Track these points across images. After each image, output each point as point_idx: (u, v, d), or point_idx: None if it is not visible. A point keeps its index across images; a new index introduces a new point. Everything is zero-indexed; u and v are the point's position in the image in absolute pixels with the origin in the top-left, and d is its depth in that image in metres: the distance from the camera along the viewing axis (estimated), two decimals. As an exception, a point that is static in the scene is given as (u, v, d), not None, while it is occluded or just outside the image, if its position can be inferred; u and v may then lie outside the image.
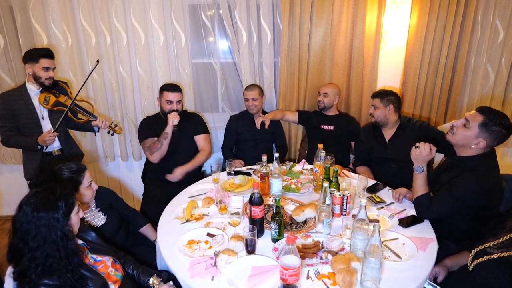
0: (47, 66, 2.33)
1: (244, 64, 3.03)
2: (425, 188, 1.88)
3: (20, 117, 2.38)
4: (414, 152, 1.89)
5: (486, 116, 1.73)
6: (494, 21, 3.02)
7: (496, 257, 1.49)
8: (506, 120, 1.73)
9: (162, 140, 2.61)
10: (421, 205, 1.86)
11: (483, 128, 1.73)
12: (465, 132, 1.78)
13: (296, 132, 3.31)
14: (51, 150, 2.51)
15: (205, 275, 1.46)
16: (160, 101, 2.73)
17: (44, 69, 2.32)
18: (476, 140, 1.75)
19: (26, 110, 2.38)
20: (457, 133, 1.82)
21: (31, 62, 2.32)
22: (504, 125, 1.71)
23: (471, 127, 1.76)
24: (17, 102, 2.36)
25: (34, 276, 1.25)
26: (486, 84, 3.25)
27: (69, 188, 1.41)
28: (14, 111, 2.36)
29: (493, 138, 1.73)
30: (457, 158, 1.88)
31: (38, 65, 2.31)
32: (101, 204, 1.92)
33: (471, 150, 1.79)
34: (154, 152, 2.60)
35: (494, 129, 1.71)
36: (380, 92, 2.61)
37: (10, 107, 2.35)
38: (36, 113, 2.40)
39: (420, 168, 1.88)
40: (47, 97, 2.38)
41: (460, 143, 1.82)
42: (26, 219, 1.25)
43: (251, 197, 1.66)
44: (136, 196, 3.46)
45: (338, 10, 2.90)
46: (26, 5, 2.68)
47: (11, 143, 2.41)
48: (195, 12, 2.98)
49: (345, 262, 1.43)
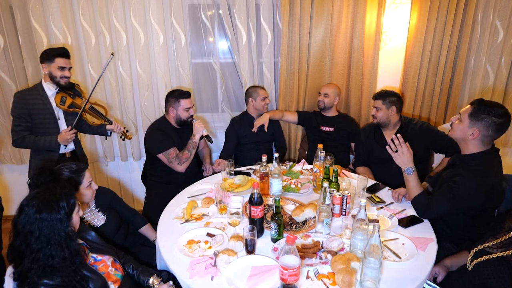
0: (62, 65, 2.31)
1: (243, 64, 3.03)
2: (420, 188, 1.89)
3: (37, 117, 2.34)
4: (397, 156, 1.91)
5: (475, 106, 1.77)
6: (493, 21, 3.02)
7: (496, 257, 1.49)
8: (497, 108, 1.73)
9: (191, 149, 2.56)
10: (420, 205, 1.86)
11: (472, 118, 1.75)
12: (460, 125, 1.81)
13: (296, 133, 3.31)
14: (64, 151, 2.50)
15: (204, 275, 1.46)
16: (175, 111, 2.59)
17: (59, 69, 2.30)
18: (470, 131, 1.76)
19: (44, 110, 2.35)
20: (453, 128, 1.85)
21: (47, 62, 2.30)
22: (494, 113, 1.71)
23: (463, 119, 1.79)
24: (35, 101, 2.33)
25: (35, 277, 1.25)
26: (486, 84, 3.25)
27: (69, 188, 1.41)
28: (31, 110, 2.32)
29: (486, 127, 1.73)
30: (459, 156, 1.89)
31: (53, 64, 2.29)
32: (101, 204, 1.92)
33: (471, 144, 1.80)
34: (184, 162, 2.53)
35: (483, 117, 1.72)
36: (381, 94, 2.58)
37: (27, 106, 2.31)
38: (54, 113, 2.39)
39: (410, 169, 1.89)
40: (64, 98, 2.37)
41: (458, 137, 1.84)
42: (29, 221, 1.25)
43: (251, 197, 1.67)
44: (136, 196, 3.46)
45: (338, 10, 2.90)
46: (26, 5, 2.68)
47: (25, 143, 2.34)
48: (195, 12, 2.98)
49: (345, 262, 1.43)
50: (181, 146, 2.60)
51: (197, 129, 2.56)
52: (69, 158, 2.51)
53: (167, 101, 2.62)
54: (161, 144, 2.54)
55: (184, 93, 2.58)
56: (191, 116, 2.61)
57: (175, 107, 2.58)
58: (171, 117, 2.63)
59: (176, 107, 2.58)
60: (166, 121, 2.67)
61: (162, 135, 2.57)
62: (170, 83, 3.04)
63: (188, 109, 2.59)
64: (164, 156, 2.52)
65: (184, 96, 2.57)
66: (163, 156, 2.53)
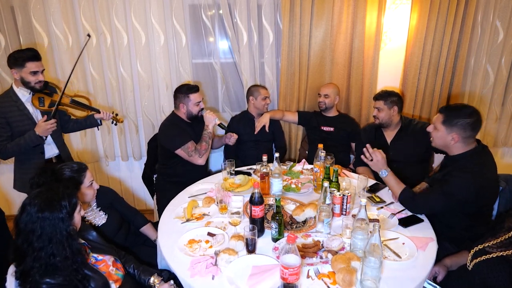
0: (35, 69, 2.13)
1: (244, 64, 3.03)
2: (400, 185, 1.96)
3: (16, 124, 2.20)
4: (373, 164, 2.01)
5: (444, 113, 1.84)
6: (494, 22, 3.02)
7: (495, 256, 1.50)
8: (466, 109, 1.80)
9: (208, 140, 2.54)
10: (406, 200, 1.91)
11: (447, 124, 1.82)
12: (437, 133, 1.88)
13: (296, 133, 3.31)
14: (50, 156, 2.42)
15: (205, 274, 1.47)
16: (186, 106, 2.55)
17: (32, 74, 2.13)
18: (449, 136, 1.82)
19: (21, 117, 2.20)
20: (433, 137, 1.93)
21: (17, 67, 2.12)
22: (464, 115, 1.77)
23: (438, 127, 1.86)
24: (10, 109, 2.18)
25: (37, 276, 1.25)
26: (486, 85, 3.25)
27: (71, 187, 1.42)
28: (8, 119, 2.17)
29: (462, 129, 1.78)
30: (449, 157, 1.94)
31: (25, 69, 2.11)
32: (102, 203, 1.93)
33: (454, 147, 1.85)
34: (203, 154, 2.51)
35: (456, 121, 1.78)
36: (382, 94, 2.57)
37: (3, 115, 2.16)
38: (32, 119, 2.24)
39: (385, 171, 1.99)
40: (41, 98, 2.23)
41: (440, 144, 1.91)
42: (31, 220, 1.25)
43: (252, 197, 1.67)
44: (136, 195, 3.46)
45: (338, 11, 2.91)
46: (27, 5, 2.69)
47: (10, 151, 2.19)
48: (196, 12, 2.99)
49: (345, 262, 1.44)
50: (195, 139, 2.57)
51: (209, 119, 2.56)
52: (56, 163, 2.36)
53: (176, 97, 2.58)
54: (179, 139, 2.49)
55: (193, 87, 2.56)
56: (201, 109, 2.61)
57: (185, 103, 2.55)
58: (182, 112, 2.60)
59: (187, 102, 2.55)
60: (177, 116, 2.62)
61: (178, 130, 2.54)
62: (170, 83, 3.05)
63: (198, 103, 2.57)
64: (183, 151, 2.48)
65: (193, 91, 2.54)
66: (182, 151, 2.48)
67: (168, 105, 3.05)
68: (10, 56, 2.15)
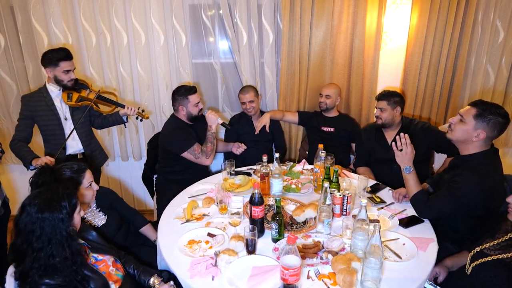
0: (68, 69, 2.28)
1: (244, 64, 3.03)
2: (418, 186, 1.89)
3: (41, 118, 2.35)
4: (400, 155, 1.92)
5: (479, 107, 1.76)
6: (494, 22, 3.02)
7: (493, 259, 1.49)
8: (500, 108, 1.75)
9: (213, 140, 2.53)
10: (418, 203, 1.86)
11: (478, 119, 1.74)
12: (463, 126, 1.79)
13: (297, 133, 3.31)
14: (75, 152, 2.48)
15: (205, 275, 1.46)
16: (185, 108, 2.54)
17: (65, 72, 2.27)
18: (476, 132, 1.76)
19: (47, 112, 2.35)
20: (455, 129, 1.83)
21: (51, 66, 2.26)
22: (499, 113, 1.73)
23: (467, 120, 1.77)
24: (39, 103, 2.34)
25: (36, 277, 1.25)
26: (486, 85, 3.25)
27: (71, 188, 1.42)
28: (34, 113, 2.33)
29: (492, 128, 1.74)
30: (460, 157, 1.89)
31: (58, 68, 2.26)
32: (102, 204, 1.92)
33: (473, 145, 1.79)
34: (210, 155, 2.51)
35: (489, 118, 1.72)
36: (385, 94, 2.55)
37: (30, 108, 2.33)
38: (58, 114, 2.38)
39: (410, 168, 1.90)
40: (70, 94, 2.35)
41: (460, 139, 1.82)
42: (30, 220, 1.25)
43: (252, 197, 1.67)
44: (136, 196, 3.46)
45: (339, 11, 2.90)
46: (26, 5, 2.68)
47: (13, 148, 2.31)
48: (196, 12, 2.98)
49: (346, 262, 1.43)
50: (198, 140, 2.56)
51: (211, 120, 2.55)
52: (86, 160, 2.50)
53: (175, 100, 2.57)
54: (185, 143, 2.49)
55: (191, 89, 2.55)
56: (201, 110, 2.60)
57: (185, 105, 2.54)
58: (182, 114, 2.59)
59: (186, 104, 2.54)
60: (178, 119, 2.61)
61: (183, 133, 2.53)
62: (170, 83, 3.04)
63: (197, 104, 2.56)
64: (189, 154, 2.48)
65: (191, 92, 2.53)
66: (189, 154, 2.48)
67: (168, 105, 3.05)
68: (44, 55, 2.27)
